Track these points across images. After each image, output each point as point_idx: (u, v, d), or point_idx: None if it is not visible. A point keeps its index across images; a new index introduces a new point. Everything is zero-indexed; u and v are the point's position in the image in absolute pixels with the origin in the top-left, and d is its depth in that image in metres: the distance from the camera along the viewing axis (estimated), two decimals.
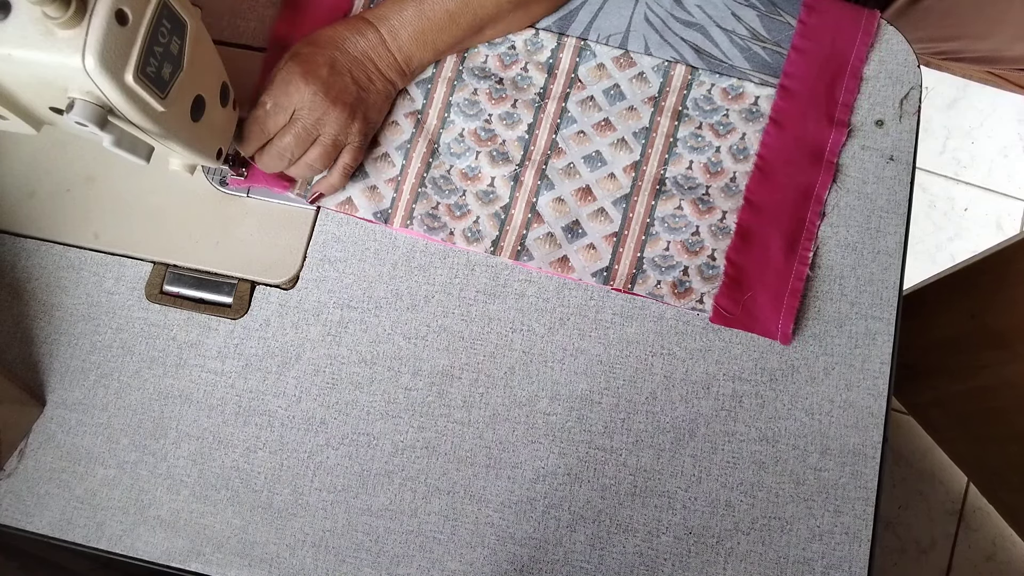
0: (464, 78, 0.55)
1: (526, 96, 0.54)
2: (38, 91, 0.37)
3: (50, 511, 0.49)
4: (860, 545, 0.49)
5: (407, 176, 0.53)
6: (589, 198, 0.53)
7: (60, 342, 0.52)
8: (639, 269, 0.51)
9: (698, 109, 0.54)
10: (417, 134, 0.54)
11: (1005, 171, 1.33)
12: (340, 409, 0.51)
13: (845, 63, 0.55)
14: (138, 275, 0.53)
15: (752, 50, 0.55)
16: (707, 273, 0.51)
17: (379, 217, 0.52)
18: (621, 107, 0.54)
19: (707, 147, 0.53)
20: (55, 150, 0.54)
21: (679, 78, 0.54)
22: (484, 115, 0.54)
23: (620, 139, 0.53)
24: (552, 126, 0.54)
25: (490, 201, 0.53)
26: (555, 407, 0.51)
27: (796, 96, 0.54)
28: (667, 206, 0.52)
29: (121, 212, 0.53)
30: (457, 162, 0.53)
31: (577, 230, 0.52)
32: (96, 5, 0.34)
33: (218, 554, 0.49)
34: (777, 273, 0.51)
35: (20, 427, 0.50)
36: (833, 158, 0.53)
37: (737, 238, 0.52)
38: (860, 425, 0.50)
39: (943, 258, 1.29)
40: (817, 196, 0.53)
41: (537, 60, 0.55)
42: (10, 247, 0.53)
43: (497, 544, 0.49)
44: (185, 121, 0.41)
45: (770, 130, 0.53)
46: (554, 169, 0.53)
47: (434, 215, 0.52)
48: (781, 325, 0.51)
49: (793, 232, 0.52)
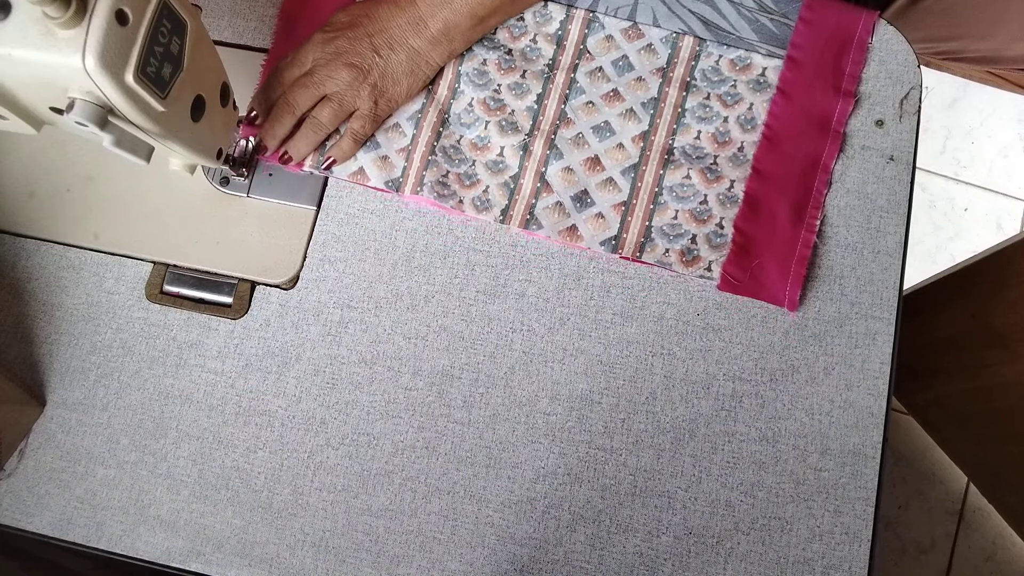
0: (473, 49, 0.55)
1: (535, 67, 0.55)
2: (38, 91, 0.37)
3: (50, 511, 0.49)
4: (860, 545, 0.49)
5: (417, 145, 0.53)
6: (598, 168, 0.53)
7: (60, 342, 0.52)
8: (647, 238, 0.52)
9: (706, 80, 0.54)
10: (428, 104, 0.54)
11: (1005, 171, 1.33)
12: (340, 409, 0.51)
13: (852, 34, 0.55)
14: (138, 275, 0.53)
15: (759, 22, 0.55)
16: (715, 241, 0.52)
17: (391, 186, 0.53)
18: (629, 78, 0.55)
19: (715, 117, 0.54)
20: (55, 150, 0.54)
21: (687, 49, 0.55)
22: (493, 85, 0.54)
23: (628, 109, 0.54)
24: (561, 96, 0.54)
25: (499, 171, 0.53)
26: (555, 407, 0.51)
27: (803, 67, 0.54)
28: (675, 175, 0.53)
29: (121, 212, 0.53)
30: (467, 132, 0.54)
31: (586, 199, 0.53)
32: (96, 5, 0.34)
33: (218, 554, 0.49)
34: (784, 241, 0.52)
35: (20, 427, 0.50)
36: (840, 128, 0.53)
37: (745, 206, 0.52)
38: (860, 425, 0.50)
39: (943, 258, 1.29)
40: (824, 165, 0.53)
41: (546, 32, 0.55)
42: (10, 247, 0.53)
43: (497, 544, 0.49)
44: (185, 121, 0.41)
45: (777, 100, 0.54)
46: (563, 139, 0.53)
47: (444, 183, 0.52)
48: (788, 292, 0.51)
49: (800, 201, 0.52)
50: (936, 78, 1.29)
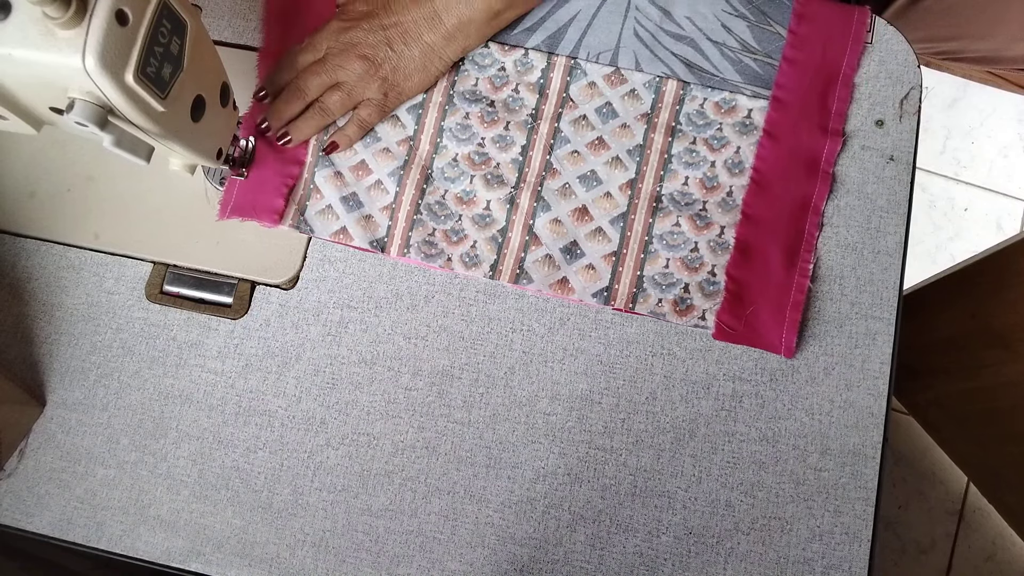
0: (455, 102, 0.54)
1: (518, 118, 0.54)
2: (38, 91, 0.37)
3: (50, 511, 0.49)
4: (860, 545, 0.49)
5: (401, 203, 0.52)
6: (586, 218, 0.52)
7: (60, 342, 0.52)
8: (639, 288, 0.51)
9: (691, 124, 0.54)
10: (410, 161, 0.53)
11: (1005, 171, 1.33)
12: (340, 409, 0.51)
13: (837, 71, 0.54)
14: (138, 275, 0.53)
15: (743, 62, 0.54)
16: (708, 289, 0.51)
17: (375, 246, 0.52)
18: (614, 125, 0.54)
19: (702, 162, 0.53)
20: (55, 150, 0.54)
21: (671, 93, 0.54)
22: (477, 139, 0.53)
23: (614, 157, 0.53)
24: (546, 147, 0.53)
25: (487, 225, 0.52)
26: (555, 407, 0.51)
27: (789, 107, 0.54)
28: (665, 223, 0.52)
29: (121, 212, 0.53)
30: (452, 187, 0.53)
31: (575, 251, 0.52)
32: (96, 5, 0.34)
33: (218, 554, 0.49)
34: (778, 286, 0.51)
35: (20, 427, 0.50)
36: (829, 168, 0.53)
37: (736, 253, 0.52)
38: (860, 425, 0.50)
39: (943, 258, 1.29)
40: (815, 207, 0.52)
41: (528, 81, 0.55)
42: (10, 247, 0.53)
43: (497, 544, 0.49)
44: (185, 121, 0.41)
45: (764, 143, 0.53)
46: (550, 190, 0.53)
47: (431, 242, 0.52)
48: (784, 339, 0.50)
49: (792, 244, 0.52)
50: (936, 78, 1.29)
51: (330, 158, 0.53)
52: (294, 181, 0.53)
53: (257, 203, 0.52)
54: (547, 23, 0.55)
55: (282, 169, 0.53)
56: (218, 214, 0.52)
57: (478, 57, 0.55)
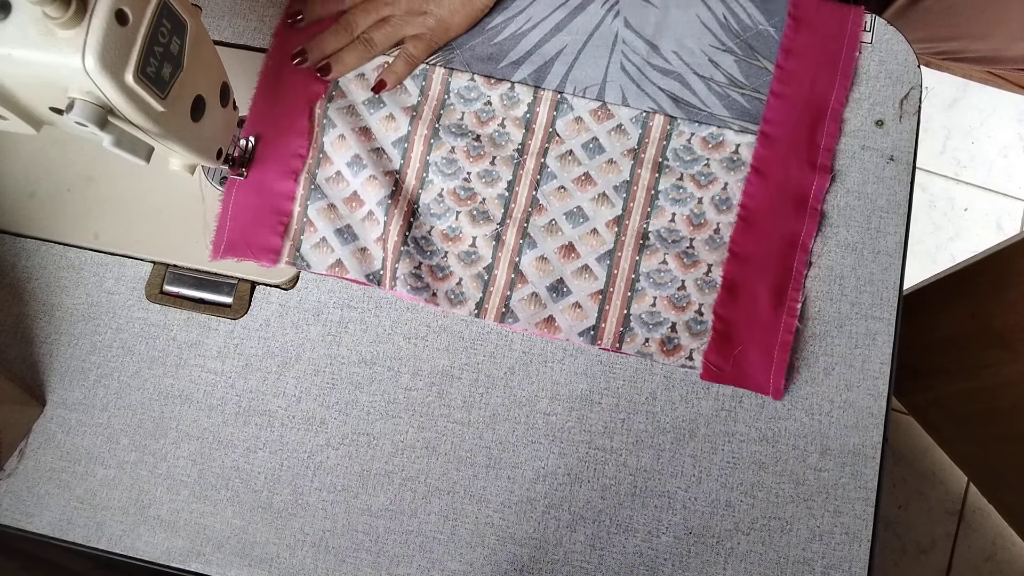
0: (441, 136, 0.54)
1: (504, 152, 0.53)
2: (38, 91, 0.37)
3: (50, 511, 0.49)
4: (860, 545, 0.49)
5: (390, 234, 0.51)
6: (572, 255, 0.52)
7: (60, 342, 0.52)
8: (626, 327, 0.51)
9: (678, 160, 0.53)
10: (397, 192, 0.52)
11: (1005, 171, 1.33)
12: (340, 409, 0.51)
13: (825, 106, 0.54)
14: (138, 275, 0.53)
15: (731, 97, 0.54)
16: (695, 329, 0.51)
17: (371, 279, 0.51)
18: (601, 160, 0.53)
19: (689, 199, 0.53)
20: (55, 150, 0.54)
21: (658, 128, 0.54)
22: (463, 173, 0.53)
23: (601, 194, 0.53)
24: (532, 182, 0.53)
25: (472, 262, 0.52)
26: (555, 407, 0.51)
27: (777, 143, 0.53)
28: (652, 261, 0.52)
29: (121, 212, 0.53)
30: (437, 223, 0.52)
31: (562, 288, 0.51)
32: (96, 5, 0.34)
33: (218, 554, 0.49)
34: (766, 326, 0.51)
35: (20, 427, 0.50)
36: (817, 204, 0.52)
37: (724, 292, 0.51)
38: (860, 425, 0.50)
39: (943, 258, 1.29)
40: (803, 245, 0.52)
41: (514, 115, 0.54)
42: (10, 247, 0.53)
43: (497, 544, 0.49)
44: (185, 121, 0.41)
45: (752, 179, 0.53)
46: (536, 227, 0.52)
47: (417, 275, 0.51)
48: (773, 379, 0.50)
49: (780, 283, 0.51)
50: (936, 78, 1.29)
51: (322, 190, 0.52)
52: (288, 218, 0.52)
53: (252, 242, 0.51)
54: (533, 57, 0.55)
55: (275, 205, 0.52)
56: (211, 253, 0.51)
57: (464, 91, 0.54)
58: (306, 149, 0.53)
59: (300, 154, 0.53)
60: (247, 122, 0.54)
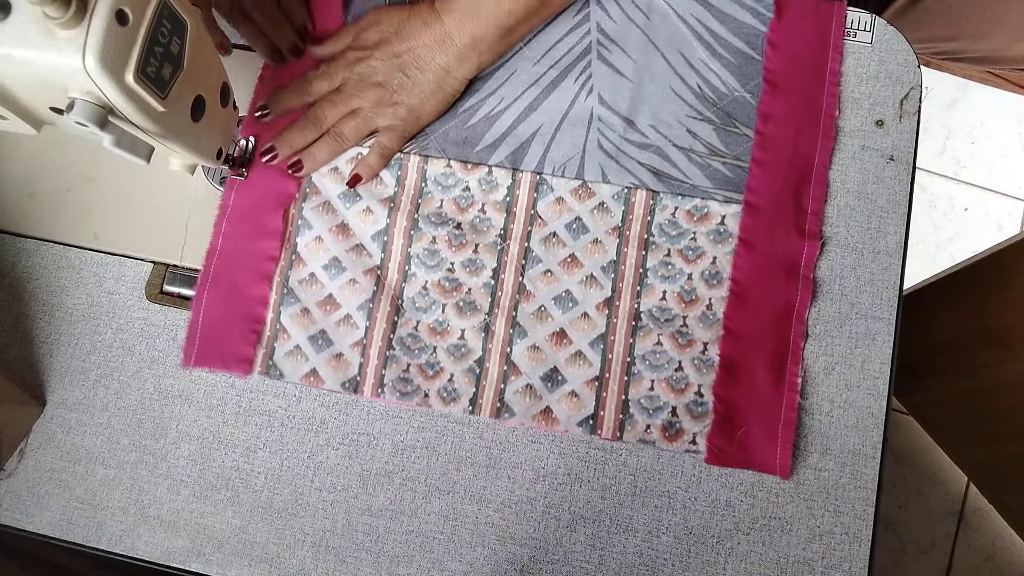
0: (421, 226, 0.52)
1: (487, 239, 0.52)
2: (38, 91, 0.37)
3: (50, 511, 0.49)
4: (860, 545, 0.49)
5: (372, 339, 0.50)
6: (565, 342, 0.51)
7: (60, 342, 0.52)
8: (626, 413, 0.50)
9: (664, 235, 0.52)
10: (379, 292, 0.51)
11: (1005, 171, 1.33)
12: (340, 409, 0.51)
13: (809, 168, 0.53)
14: (138, 275, 0.53)
15: (712, 167, 0.53)
16: (696, 411, 0.50)
17: (347, 387, 0.50)
18: (586, 241, 0.52)
19: (678, 275, 0.51)
20: (55, 150, 0.54)
21: (641, 204, 0.52)
22: (446, 264, 0.52)
23: (589, 275, 0.52)
24: (517, 268, 0.52)
25: (463, 356, 0.50)
26: None
27: (763, 212, 0.52)
28: (646, 342, 0.50)
29: (121, 212, 0.53)
30: (424, 317, 0.51)
31: (556, 377, 0.50)
32: (96, 5, 0.34)
33: (218, 554, 0.49)
34: (767, 404, 0.50)
35: (20, 427, 0.50)
36: (809, 272, 0.51)
37: (722, 371, 0.50)
38: (860, 425, 0.50)
39: (943, 258, 1.29)
40: (798, 315, 0.51)
41: (494, 200, 0.53)
42: (10, 247, 0.53)
43: (497, 544, 0.49)
44: (185, 121, 0.41)
45: (740, 251, 0.52)
46: (525, 314, 0.51)
47: (406, 379, 0.50)
48: (779, 459, 0.49)
49: (778, 357, 0.50)
50: (936, 78, 1.29)
51: (295, 294, 0.51)
52: (261, 325, 0.51)
53: (224, 351, 0.50)
54: (509, 139, 0.54)
55: (247, 311, 0.51)
56: (182, 361, 0.50)
57: (440, 177, 0.53)
58: (278, 250, 0.52)
59: (273, 256, 0.52)
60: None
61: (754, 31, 0.55)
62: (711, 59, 0.55)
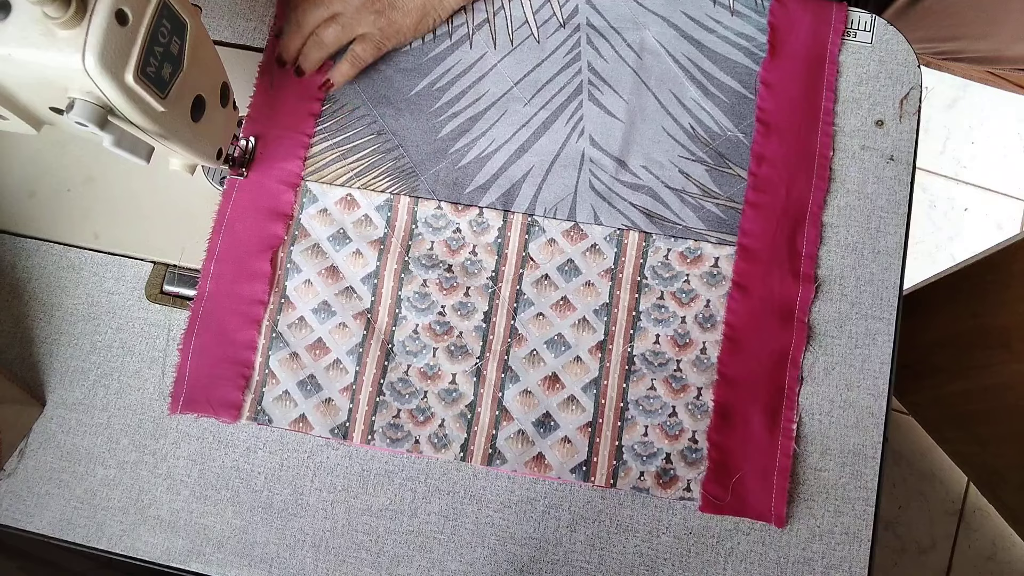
0: (411, 269, 0.52)
1: (478, 282, 0.51)
2: (38, 91, 0.37)
3: (50, 511, 0.49)
4: (860, 545, 0.49)
5: (363, 385, 0.50)
6: (557, 386, 0.50)
7: (60, 342, 0.52)
8: (619, 460, 0.49)
9: (657, 277, 0.51)
10: (369, 336, 0.50)
11: (1005, 171, 1.33)
12: None
13: (803, 210, 0.52)
14: (138, 275, 0.53)
15: (705, 208, 0.52)
16: (690, 458, 0.49)
17: (336, 434, 0.49)
18: (578, 283, 0.51)
19: (672, 318, 0.51)
20: (55, 150, 0.54)
21: (633, 246, 0.52)
22: (437, 307, 0.51)
23: (581, 319, 0.51)
24: (509, 311, 0.51)
25: (453, 401, 0.50)
26: None
27: (757, 256, 0.51)
28: (639, 387, 0.50)
29: (121, 212, 0.53)
30: (414, 361, 0.50)
31: (549, 423, 0.50)
32: (96, 5, 0.34)
33: (218, 554, 0.49)
34: (762, 451, 0.49)
35: (20, 427, 0.50)
36: (804, 317, 0.51)
37: (716, 417, 0.49)
38: (860, 425, 0.50)
39: (943, 258, 1.29)
40: (793, 360, 0.50)
41: (485, 241, 0.52)
42: (10, 247, 0.53)
43: (497, 544, 0.49)
44: (185, 121, 0.41)
45: (735, 295, 0.51)
46: (517, 358, 0.50)
47: (396, 425, 0.49)
48: (774, 507, 0.48)
49: (773, 403, 0.49)
50: (936, 78, 1.29)
51: (284, 338, 0.50)
52: (250, 370, 0.50)
53: (212, 397, 0.49)
54: (500, 180, 0.53)
55: (236, 355, 0.50)
56: (169, 407, 0.50)
57: (431, 219, 0.52)
58: (267, 295, 0.51)
59: (261, 300, 0.51)
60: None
61: (747, 70, 0.54)
62: (703, 99, 0.54)
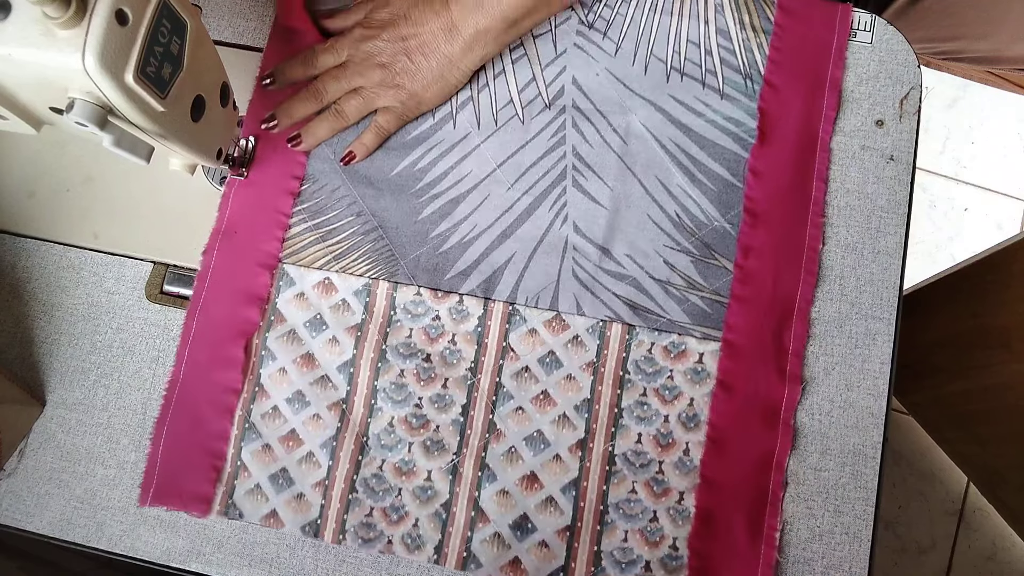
0: (389, 358, 0.50)
1: (457, 373, 0.50)
2: (38, 91, 0.37)
3: (50, 511, 0.49)
4: (860, 545, 0.49)
5: (335, 480, 0.48)
6: (535, 486, 0.49)
7: (60, 342, 0.52)
8: (598, 566, 0.47)
9: (640, 372, 0.50)
10: (343, 428, 0.49)
11: (1005, 171, 1.33)
12: None
13: (791, 305, 0.51)
14: (138, 275, 0.53)
15: (690, 301, 0.51)
16: (671, 565, 0.48)
17: (307, 531, 0.48)
18: (559, 376, 0.50)
19: (655, 416, 0.50)
20: (55, 150, 0.54)
21: (616, 338, 0.50)
22: (414, 399, 0.50)
23: (562, 415, 0.49)
24: (488, 405, 0.50)
25: (429, 499, 0.48)
26: None
27: (742, 353, 0.50)
28: (620, 490, 0.49)
29: (121, 212, 0.53)
30: (389, 456, 0.49)
31: (526, 525, 0.48)
32: (96, 5, 0.34)
33: (218, 554, 0.49)
34: (744, 560, 0.48)
35: (20, 427, 0.50)
36: (789, 419, 0.49)
37: (698, 523, 0.48)
38: (860, 425, 0.50)
39: (943, 258, 1.29)
40: (778, 463, 0.49)
41: (465, 330, 0.51)
42: (10, 247, 0.53)
43: None
44: (185, 121, 0.41)
45: (719, 394, 0.50)
46: (495, 456, 0.49)
47: (368, 524, 0.48)
48: None
49: (756, 509, 0.48)
50: (936, 78, 1.29)
51: (257, 429, 0.49)
52: (222, 462, 0.49)
53: (183, 490, 0.48)
54: (481, 266, 0.52)
55: (208, 446, 0.49)
56: (139, 499, 0.49)
57: (410, 305, 0.51)
58: (240, 383, 0.50)
59: (235, 388, 0.50)
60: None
61: (736, 157, 0.53)
62: (690, 186, 0.53)
